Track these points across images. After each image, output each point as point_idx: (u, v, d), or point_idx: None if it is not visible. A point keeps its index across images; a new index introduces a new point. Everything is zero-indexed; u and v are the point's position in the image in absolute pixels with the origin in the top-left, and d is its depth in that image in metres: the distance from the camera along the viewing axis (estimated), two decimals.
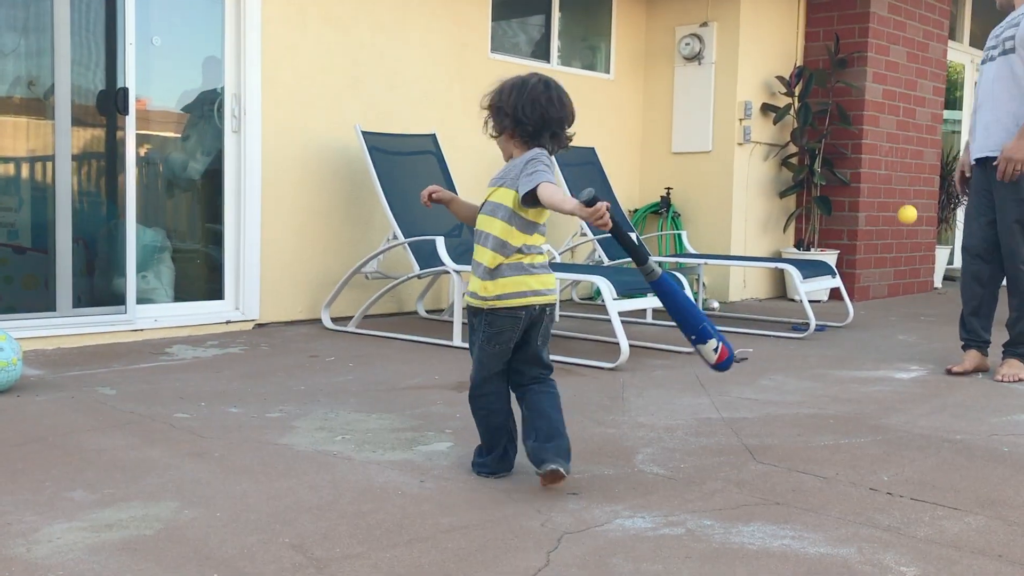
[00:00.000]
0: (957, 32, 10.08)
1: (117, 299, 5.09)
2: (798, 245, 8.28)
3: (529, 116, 2.68)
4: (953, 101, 10.49)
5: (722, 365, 2.83)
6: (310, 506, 2.51)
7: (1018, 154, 4.42)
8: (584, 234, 6.88)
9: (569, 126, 2.78)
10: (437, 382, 4.23)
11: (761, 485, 2.81)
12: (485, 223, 2.75)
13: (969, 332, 4.82)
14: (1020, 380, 4.58)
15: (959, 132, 10.72)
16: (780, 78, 8.02)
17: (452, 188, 6.13)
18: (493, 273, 2.70)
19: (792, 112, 8.02)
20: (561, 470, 2.63)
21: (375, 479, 2.76)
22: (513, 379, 2.83)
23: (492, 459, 2.83)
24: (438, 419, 3.51)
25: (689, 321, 2.81)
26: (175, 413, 3.51)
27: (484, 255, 2.72)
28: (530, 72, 2.80)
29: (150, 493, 2.58)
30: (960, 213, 10.08)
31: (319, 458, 2.96)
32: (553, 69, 7.50)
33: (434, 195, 2.96)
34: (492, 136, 2.80)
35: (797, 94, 8.01)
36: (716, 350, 2.79)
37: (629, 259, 6.65)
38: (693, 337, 2.81)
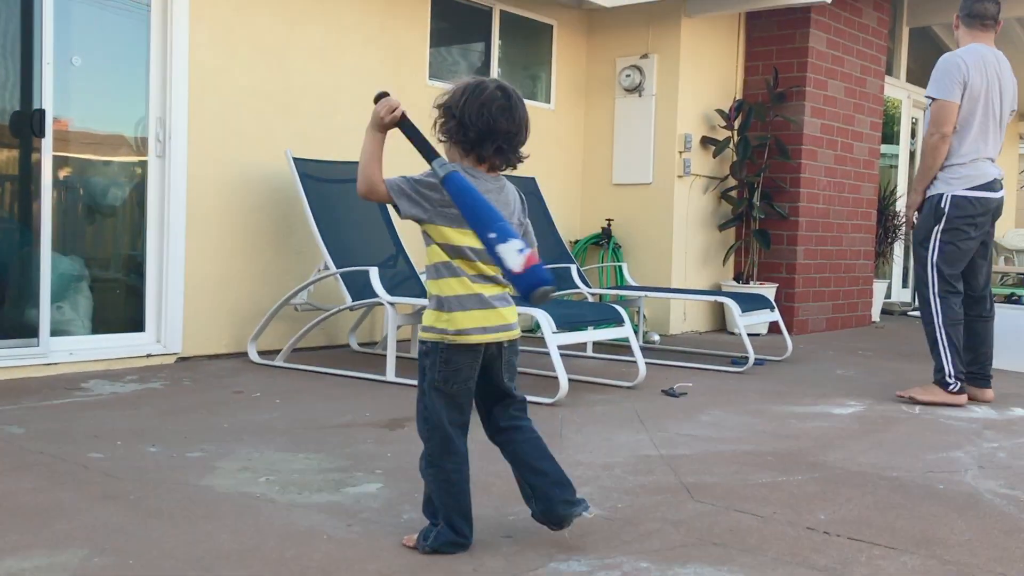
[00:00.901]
0: (894, 67, 10.34)
1: (29, 331, 4.94)
2: (737, 278, 8.37)
3: (474, 121, 2.48)
4: (890, 136, 10.73)
5: (529, 277, 2.29)
6: (230, 552, 2.44)
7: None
8: None
9: (521, 144, 2.58)
10: (368, 419, 4.17)
11: (699, 525, 2.80)
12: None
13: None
14: (916, 402, 4.94)
15: (896, 167, 10.96)
16: (720, 111, 8.14)
17: (387, 216, 6.09)
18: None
19: (732, 145, 8.12)
20: (586, 515, 2.56)
21: (300, 523, 2.69)
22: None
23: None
24: (368, 459, 3.45)
25: (485, 217, 2.38)
26: (88, 453, 3.40)
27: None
28: (493, 78, 2.64)
29: (57, 540, 2.48)
30: (897, 247, 10.29)
31: (241, 500, 2.89)
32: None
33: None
34: (440, 141, 2.60)
35: (736, 127, 8.13)
36: (521, 251, 2.31)
37: (570, 291, 6.67)
38: (492, 235, 2.34)
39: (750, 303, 6.26)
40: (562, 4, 7.96)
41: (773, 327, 7.89)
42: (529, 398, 4.65)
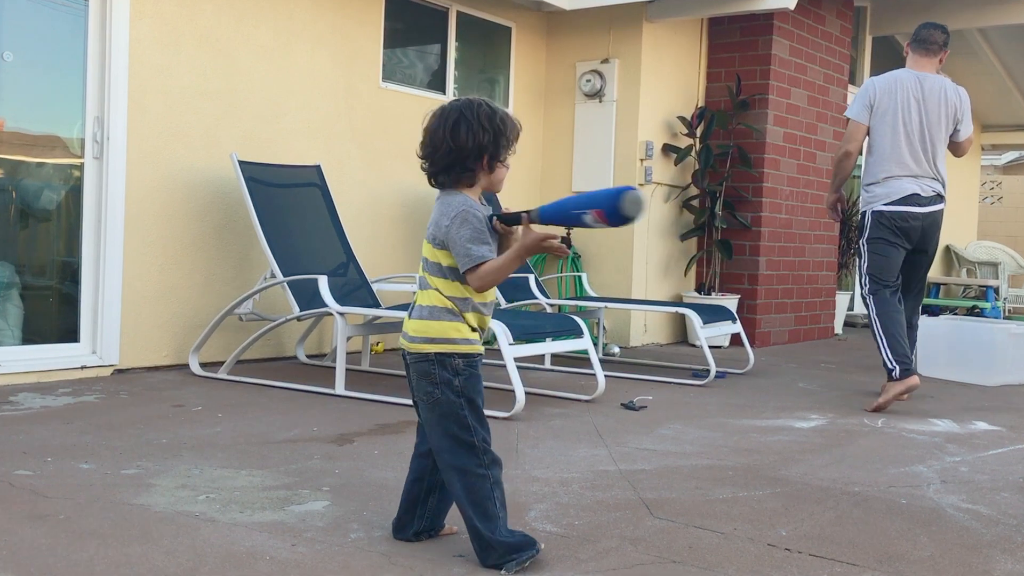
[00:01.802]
0: (857, 77, 10.46)
1: None
2: (699, 289, 8.41)
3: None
4: None
5: (614, 202, 2.49)
6: (165, 575, 2.38)
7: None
8: None
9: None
10: (316, 434, 4.11)
11: (657, 542, 2.78)
12: None
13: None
14: (882, 408, 5.20)
15: (859, 177, 11.07)
16: (682, 118, 8.18)
17: (337, 222, 6.03)
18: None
19: (693, 153, 8.17)
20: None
21: (241, 543, 2.63)
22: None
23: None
24: (315, 475, 3.40)
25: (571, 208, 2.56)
26: (15, 470, 3.31)
27: None
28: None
29: None
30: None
31: (179, 520, 2.82)
32: (449, 101, 7.48)
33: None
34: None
35: (699, 135, 8.18)
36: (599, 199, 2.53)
37: (528, 301, 6.65)
38: (578, 212, 2.55)
39: (711, 315, 6.29)
40: (521, 6, 7.97)
41: (735, 339, 7.95)
42: (485, 412, 4.65)
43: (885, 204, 5.44)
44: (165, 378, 5.40)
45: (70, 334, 5.37)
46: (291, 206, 5.83)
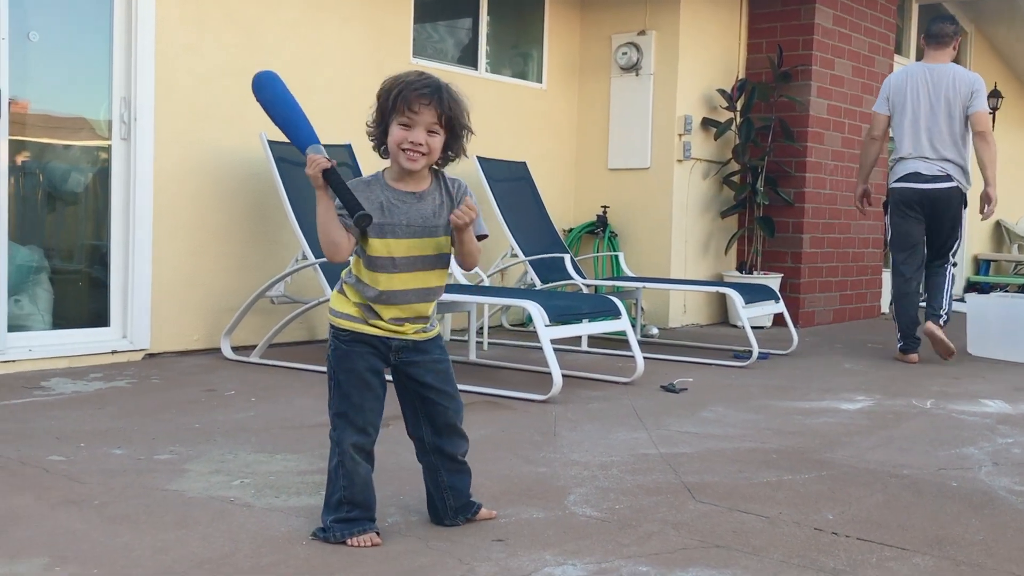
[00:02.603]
0: (903, 46, 10.34)
1: None
2: (740, 268, 8.37)
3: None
4: None
5: None
6: (202, 560, 2.42)
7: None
8: (515, 255, 6.87)
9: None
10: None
11: (700, 526, 2.79)
12: None
13: None
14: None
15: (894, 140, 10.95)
16: (722, 91, 8.13)
17: None
18: None
19: (734, 127, 8.12)
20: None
21: (277, 528, 2.67)
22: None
23: None
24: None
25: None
26: (49, 456, 3.37)
27: None
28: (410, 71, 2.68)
29: (16, 549, 2.45)
30: None
31: (213, 505, 2.86)
32: (481, 76, 7.49)
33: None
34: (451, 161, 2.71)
35: (739, 108, 8.13)
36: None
37: (564, 282, 6.66)
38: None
39: (753, 294, 6.26)
40: None
41: (778, 319, 7.90)
42: (521, 395, 4.70)
43: (895, 182, 6.41)
44: (197, 362, 5.47)
45: (100, 318, 5.44)
46: None
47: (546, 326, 4.74)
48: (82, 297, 5.51)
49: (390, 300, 2.62)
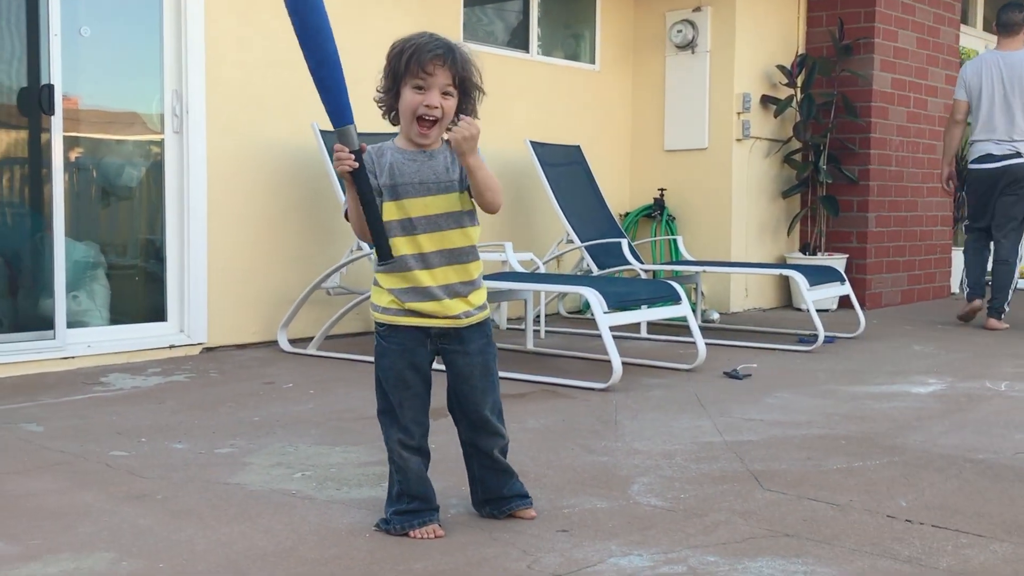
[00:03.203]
0: (969, 16, 10.15)
1: (44, 323, 5.01)
2: (803, 249, 8.29)
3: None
4: None
5: None
6: (265, 553, 2.46)
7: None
8: (570, 241, 6.86)
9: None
10: None
11: (769, 515, 2.78)
12: None
13: None
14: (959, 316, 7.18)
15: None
16: (781, 67, 8.04)
17: None
18: None
19: (794, 104, 8.04)
20: None
21: (339, 521, 2.71)
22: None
23: None
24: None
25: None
26: (111, 451, 3.44)
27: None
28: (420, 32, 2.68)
29: (83, 543, 2.51)
30: None
31: (275, 498, 2.91)
32: (533, 59, 7.49)
33: None
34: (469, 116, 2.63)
35: (799, 84, 8.04)
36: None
37: (621, 267, 6.64)
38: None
39: (818, 276, 6.21)
40: None
41: (843, 301, 7.81)
42: (580, 383, 4.71)
43: (971, 163, 7.12)
44: (254, 355, 5.54)
45: (157, 313, 5.54)
46: None
47: (604, 313, 4.73)
48: (139, 292, 5.61)
49: (414, 266, 2.58)
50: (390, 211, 2.58)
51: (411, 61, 2.54)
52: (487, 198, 2.61)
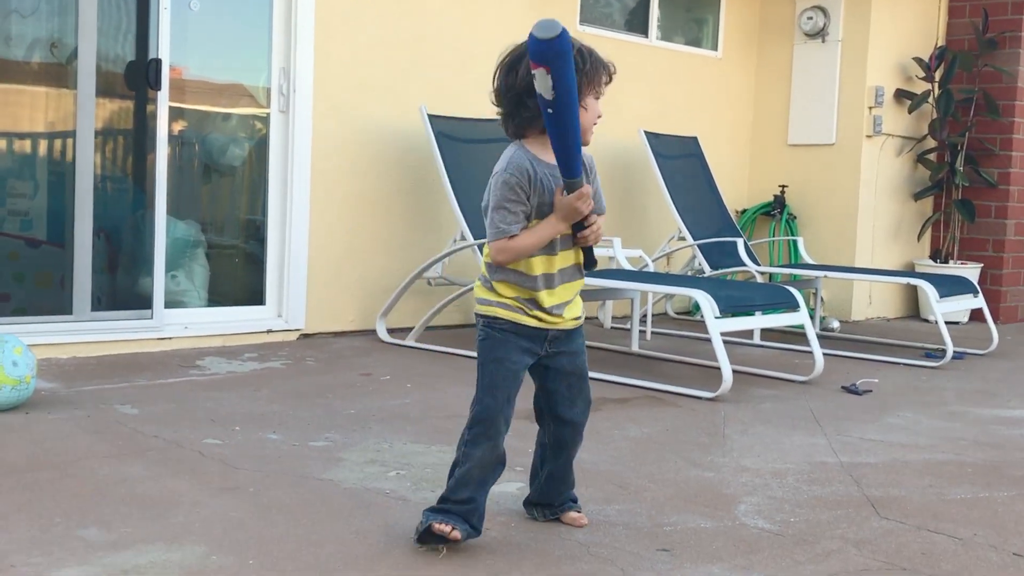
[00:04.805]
0: None
1: (142, 302, 5.17)
2: (934, 256, 8.10)
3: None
4: None
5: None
6: (357, 556, 2.51)
7: None
8: (682, 238, 6.82)
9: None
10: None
11: (885, 546, 2.74)
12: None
13: None
14: None
15: None
16: (918, 60, 7.86)
17: None
18: None
19: (931, 100, 7.86)
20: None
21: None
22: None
23: None
24: (508, 453, 3.47)
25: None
26: (205, 439, 3.55)
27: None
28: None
29: (174, 534, 2.60)
30: None
31: (368, 498, 2.96)
32: (652, 44, 7.45)
33: None
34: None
35: (938, 79, 7.86)
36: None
37: (735, 269, 6.58)
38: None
39: (949, 286, 6.06)
40: None
41: (976, 314, 7.59)
42: (687, 391, 4.69)
43: None
44: (351, 344, 5.64)
45: (255, 297, 5.67)
46: (482, 163, 5.91)
47: (716, 318, 4.69)
48: (238, 274, 5.75)
49: (550, 284, 2.63)
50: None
51: (599, 68, 2.59)
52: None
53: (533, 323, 2.65)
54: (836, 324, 7.16)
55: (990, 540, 2.82)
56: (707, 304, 4.71)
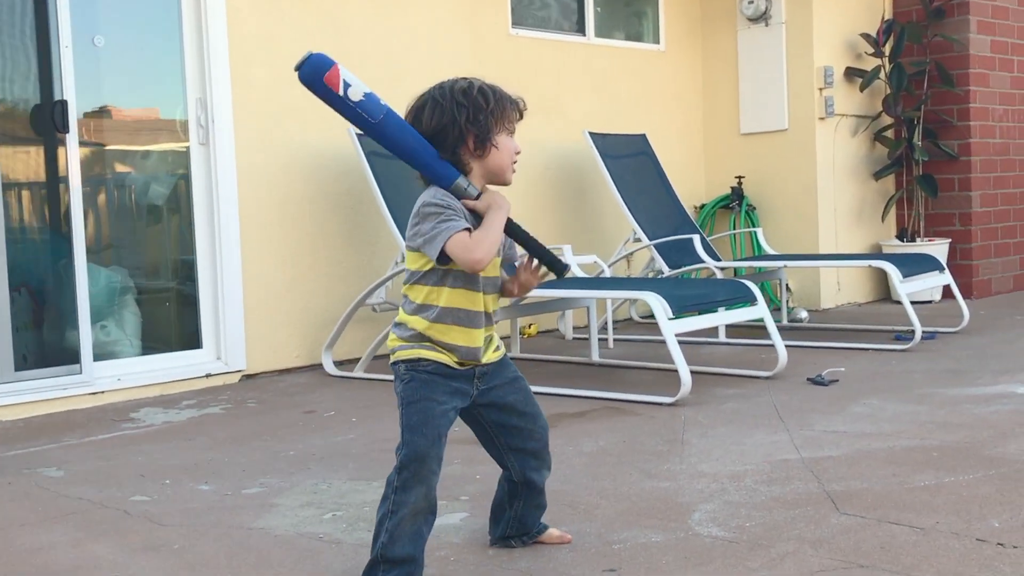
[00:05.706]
0: None
1: (70, 357, 5.09)
2: (901, 236, 8.12)
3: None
4: None
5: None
6: None
7: None
8: (638, 240, 6.79)
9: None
10: (457, 435, 4.14)
11: (843, 543, 2.71)
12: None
13: None
14: None
15: None
16: (866, 36, 7.89)
17: None
18: None
19: (883, 75, 7.88)
20: None
21: None
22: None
23: None
24: (453, 483, 3.43)
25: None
26: (132, 496, 3.48)
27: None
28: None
29: None
30: None
31: (300, 543, 2.91)
32: (590, 43, 7.44)
33: None
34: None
35: (887, 54, 7.88)
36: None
37: (695, 266, 6.56)
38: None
39: (912, 265, 6.08)
40: None
41: (948, 291, 7.63)
42: (647, 398, 4.65)
43: None
44: (296, 381, 5.58)
45: (192, 339, 5.60)
46: (417, 182, 5.90)
47: (670, 319, 4.66)
48: (172, 318, 5.68)
49: (475, 322, 2.58)
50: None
51: (506, 106, 2.59)
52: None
53: (454, 362, 2.59)
54: (804, 314, 7.14)
55: (953, 527, 2.79)
56: (659, 306, 4.68)
